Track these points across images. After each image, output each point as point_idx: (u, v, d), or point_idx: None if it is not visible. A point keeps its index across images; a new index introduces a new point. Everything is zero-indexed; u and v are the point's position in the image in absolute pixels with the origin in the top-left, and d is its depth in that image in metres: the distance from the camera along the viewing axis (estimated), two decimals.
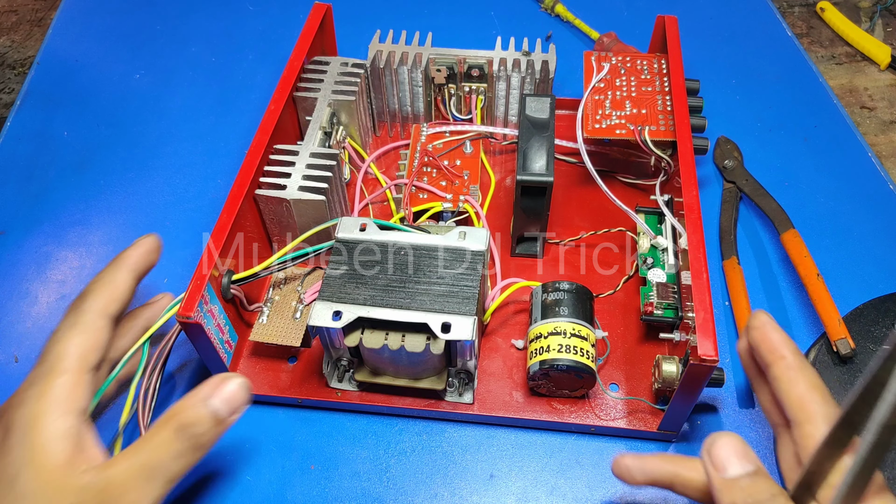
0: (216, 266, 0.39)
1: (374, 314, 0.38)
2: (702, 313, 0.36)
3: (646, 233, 0.47)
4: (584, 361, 0.40)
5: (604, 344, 0.45)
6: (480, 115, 0.55)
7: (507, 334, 0.46)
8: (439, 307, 0.38)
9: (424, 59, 0.53)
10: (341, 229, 0.42)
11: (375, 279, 0.40)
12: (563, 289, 0.43)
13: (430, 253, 0.41)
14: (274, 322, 0.44)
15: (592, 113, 0.49)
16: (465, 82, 0.54)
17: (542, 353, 0.41)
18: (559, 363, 0.40)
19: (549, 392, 0.43)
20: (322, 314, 0.38)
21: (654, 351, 0.45)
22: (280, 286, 0.46)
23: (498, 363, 0.45)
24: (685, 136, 0.44)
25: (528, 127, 0.46)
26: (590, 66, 0.52)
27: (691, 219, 0.40)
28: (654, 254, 0.46)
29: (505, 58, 0.52)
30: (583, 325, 0.42)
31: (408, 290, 0.39)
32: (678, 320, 0.42)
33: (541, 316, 0.42)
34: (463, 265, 0.40)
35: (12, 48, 0.78)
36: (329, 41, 0.56)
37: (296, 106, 0.51)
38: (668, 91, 0.50)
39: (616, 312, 0.47)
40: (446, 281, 0.39)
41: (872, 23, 0.74)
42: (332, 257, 0.41)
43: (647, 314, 0.43)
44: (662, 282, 0.44)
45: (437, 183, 0.50)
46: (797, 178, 0.56)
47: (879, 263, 0.51)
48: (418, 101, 0.55)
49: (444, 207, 0.49)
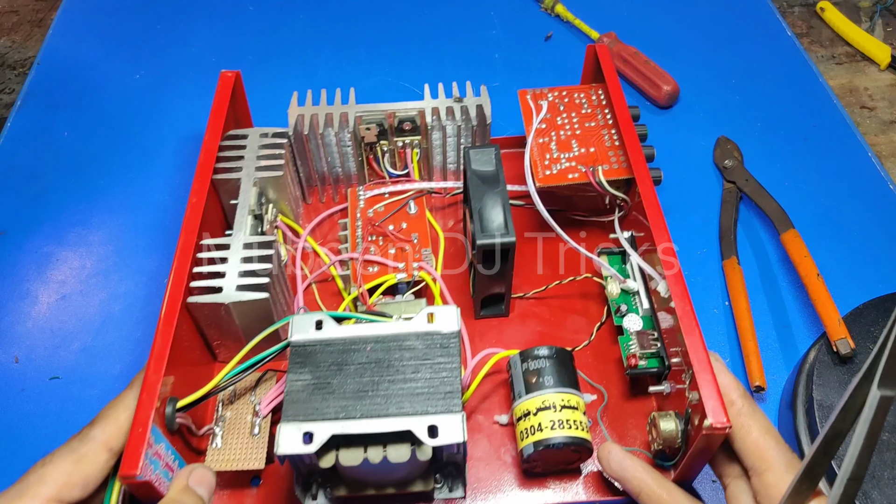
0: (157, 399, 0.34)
1: (350, 428, 0.34)
2: (704, 374, 0.34)
3: (613, 277, 0.44)
4: (580, 434, 0.38)
5: (596, 402, 0.42)
6: (417, 168, 0.51)
7: (488, 410, 0.43)
8: (421, 408, 0.34)
9: (351, 118, 0.49)
10: (295, 330, 0.37)
11: (344, 386, 0.35)
12: (542, 355, 0.40)
13: (399, 344, 0.37)
14: (230, 444, 0.39)
15: (540, 159, 0.46)
16: (397, 137, 0.50)
17: (534, 433, 0.38)
18: (554, 442, 0.37)
19: (545, 469, 0.40)
20: (290, 439, 0.33)
21: (642, 404, 0.43)
22: (231, 401, 0.41)
23: (483, 444, 0.41)
24: (644, 177, 0.41)
25: (478, 183, 0.43)
26: (527, 106, 0.49)
27: (667, 262, 0.38)
28: (625, 299, 0.44)
29: (437, 107, 0.49)
30: (571, 393, 0.39)
31: (383, 394, 0.35)
32: (665, 370, 0.40)
33: (525, 390, 0.39)
34: (438, 352, 0.36)
35: (12, 48, 0.78)
36: (242, 112, 0.51)
37: (217, 190, 0.46)
38: (612, 124, 0.48)
39: (595, 364, 0.45)
40: (423, 374, 0.36)
41: (872, 23, 0.75)
42: (291, 366, 0.36)
43: (631, 368, 0.41)
44: (640, 329, 0.42)
45: (385, 252, 0.46)
46: (797, 178, 0.56)
47: (879, 263, 0.51)
48: (349, 161, 0.51)
49: (398, 279, 0.45)
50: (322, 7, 0.74)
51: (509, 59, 0.68)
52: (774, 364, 0.47)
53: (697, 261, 0.52)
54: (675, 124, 0.61)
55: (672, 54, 0.66)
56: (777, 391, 0.45)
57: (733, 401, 0.34)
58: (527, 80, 0.66)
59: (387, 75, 0.67)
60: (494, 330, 0.47)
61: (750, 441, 0.33)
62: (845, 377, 0.42)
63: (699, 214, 0.54)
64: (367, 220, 0.48)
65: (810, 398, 0.41)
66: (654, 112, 0.63)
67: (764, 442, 0.33)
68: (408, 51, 0.69)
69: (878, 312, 0.44)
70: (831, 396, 0.41)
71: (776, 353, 0.47)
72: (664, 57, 0.64)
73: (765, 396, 0.45)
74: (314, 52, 0.69)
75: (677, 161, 0.58)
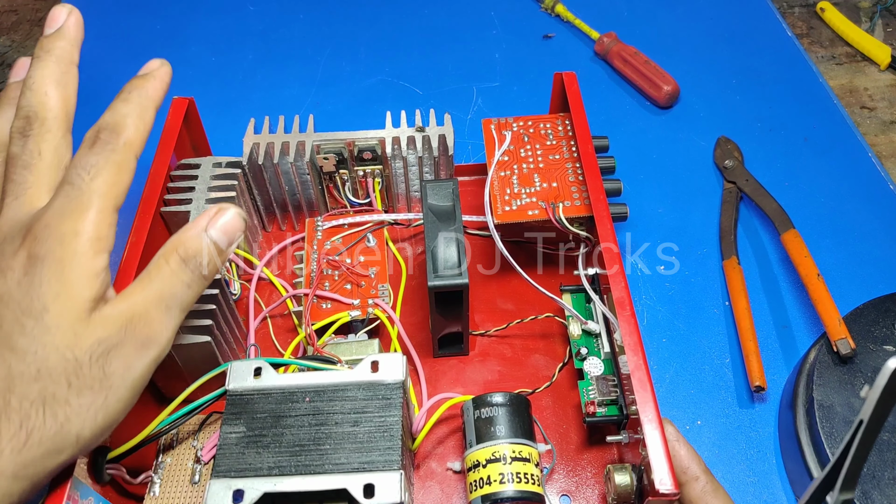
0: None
1: (283, 486, 0.32)
2: (653, 435, 0.32)
3: (575, 318, 0.43)
4: (530, 489, 0.36)
5: (550, 454, 0.40)
6: (380, 197, 0.50)
7: (441, 456, 0.41)
8: (358, 464, 0.33)
9: (308, 146, 0.47)
10: (232, 378, 0.36)
11: (280, 439, 0.34)
12: (495, 403, 0.38)
13: (340, 395, 0.35)
14: (168, 493, 0.37)
15: (500, 193, 0.45)
16: (357, 166, 0.49)
17: (482, 487, 0.36)
18: (503, 496, 0.36)
19: None
20: (219, 498, 0.32)
21: (601, 453, 0.41)
22: (172, 446, 0.39)
23: (435, 493, 0.40)
24: (603, 218, 0.40)
25: (433, 220, 0.41)
26: (490, 136, 0.47)
27: (624, 316, 0.36)
28: (587, 341, 0.42)
29: (398, 136, 0.47)
30: (523, 443, 0.37)
31: (320, 449, 0.33)
32: (623, 418, 0.39)
33: (476, 439, 0.38)
34: (379, 403, 0.35)
35: (12, 48, 0.77)
36: (199, 139, 0.49)
37: (166, 223, 0.44)
38: (577, 157, 0.46)
39: (555, 408, 0.43)
40: (363, 427, 0.34)
41: (872, 23, 0.73)
42: (226, 417, 0.35)
43: (589, 416, 0.39)
44: (601, 374, 0.41)
45: (341, 288, 0.45)
46: (797, 178, 0.56)
47: (879, 263, 0.50)
48: (308, 190, 0.49)
49: (352, 317, 0.43)
50: (323, 6, 0.73)
51: (509, 59, 0.67)
52: (774, 364, 0.46)
53: (697, 261, 0.51)
54: (675, 124, 0.61)
55: (672, 54, 0.65)
56: (777, 391, 0.45)
57: (697, 476, 0.33)
58: (527, 80, 0.65)
59: (387, 75, 0.66)
60: (454, 369, 0.45)
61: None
62: (845, 377, 0.42)
63: (699, 214, 0.54)
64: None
65: (810, 398, 0.41)
66: (654, 112, 0.62)
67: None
68: (408, 51, 0.69)
69: (878, 312, 0.44)
70: (831, 396, 0.41)
71: (776, 353, 0.46)
72: (664, 57, 0.63)
73: (765, 396, 0.44)
74: (314, 51, 0.69)
75: (677, 161, 0.58)
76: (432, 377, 0.44)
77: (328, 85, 0.66)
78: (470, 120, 0.62)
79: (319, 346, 0.41)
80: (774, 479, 0.41)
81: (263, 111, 0.52)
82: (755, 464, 0.42)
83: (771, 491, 0.41)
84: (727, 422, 0.44)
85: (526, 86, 0.65)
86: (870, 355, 0.42)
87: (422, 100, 0.64)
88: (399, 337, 0.43)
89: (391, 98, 0.64)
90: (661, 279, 0.50)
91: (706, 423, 0.43)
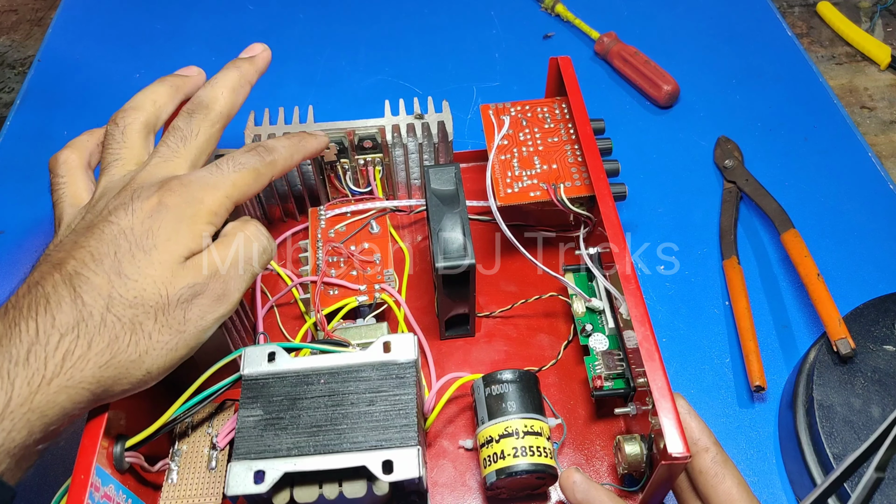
0: (101, 439, 0.33)
1: (303, 465, 0.33)
2: (663, 402, 0.33)
3: (578, 295, 0.44)
4: (544, 461, 0.37)
5: (560, 428, 0.41)
6: (381, 185, 0.50)
7: (453, 434, 0.42)
8: (376, 442, 0.34)
9: None
10: (247, 363, 0.36)
11: (297, 421, 0.34)
12: (505, 380, 0.39)
13: (354, 375, 0.36)
14: (186, 480, 0.38)
15: (502, 177, 0.45)
16: (358, 154, 0.49)
17: (496, 461, 0.37)
18: (517, 469, 0.36)
19: (510, 495, 0.39)
20: (240, 479, 0.32)
21: (609, 425, 0.42)
22: (187, 433, 0.40)
23: (448, 470, 0.41)
24: (605, 196, 0.41)
25: (437, 203, 0.42)
26: (489, 121, 0.48)
27: (630, 290, 0.37)
28: (591, 318, 0.43)
29: (397, 124, 0.48)
30: (535, 418, 0.38)
31: (337, 429, 0.34)
32: (631, 391, 0.39)
33: (488, 416, 0.38)
34: (393, 383, 0.36)
35: (12, 47, 0.78)
36: None
37: None
38: (575, 139, 0.47)
39: (562, 384, 0.44)
40: (378, 406, 0.35)
41: (872, 23, 0.74)
42: (242, 401, 0.35)
43: (597, 389, 0.40)
44: (606, 349, 0.41)
45: (347, 274, 0.45)
46: (797, 178, 0.56)
47: (879, 263, 0.51)
48: (310, 180, 0.50)
49: (359, 302, 0.44)
50: (323, 6, 0.73)
51: (509, 59, 0.68)
52: (774, 364, 0.46)
53: (697, 260, 0.51)
54: (675, 124, 0.61)
55: (672, 54, 0.66)
56: (777, 391, 0.45)
57: (708, 447, 0.34)
58: (527, 79, 0.65)
59: (387, 75, 0.66)
60: (461, 351, 0.46)
61: (722, 490, 0.33)
62: (845, 377, 0.42)
63: (699, 214, 0.54)
64: (328, 240, 0.47)
65: (810, 398, 0.41)
66: (654, 112, 0.62)
67: (737, 492, 0.33)
68: (408, 51, 0.69)
69: (878, 312, 0.44)
70: (831, 396, 0.41)
71: (776, 353, 0.47)
72: (664, 57, 0.63)
73: (765, 396, 0.45)
74: (314, 51, 0.69)
75: (677, 161, 0.58)
76: (440, 359, 0.45)
77: (328, 85, 0.66)
78: (470, 120, 0.62)
79: (330, 330, 0.42)
80: (774, 478, 0.42)
81: (263, 109, 0.52)
82: (755, 464, 0.42)
83: (771, 491, 0.41)
84: (727, 422, 0.43)
85: (526, 85, 0.65)
86: (870, 355, 0.42)
87: (422, 100, 0.64)
88: (406, 319, 0.44)
89: (391, 98, 0.64)
90: (661, 279, 0.50)
91: (706, 422, 0.43)
